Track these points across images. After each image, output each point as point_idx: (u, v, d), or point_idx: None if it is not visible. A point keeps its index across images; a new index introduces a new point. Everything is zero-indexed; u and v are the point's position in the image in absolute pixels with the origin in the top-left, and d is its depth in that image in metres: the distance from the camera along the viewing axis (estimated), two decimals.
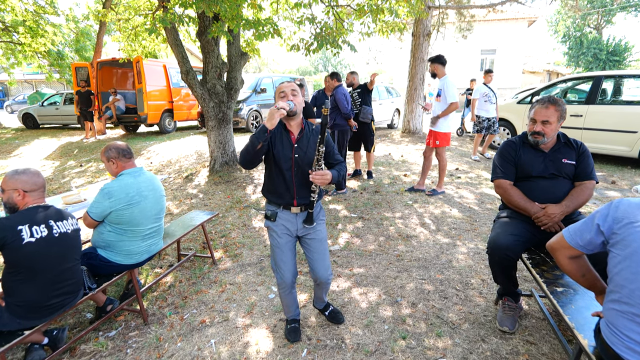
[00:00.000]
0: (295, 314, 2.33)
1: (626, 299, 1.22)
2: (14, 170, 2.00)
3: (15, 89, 28.70)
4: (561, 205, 2.12)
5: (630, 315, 1.21)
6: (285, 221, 2.09)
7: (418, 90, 9.25)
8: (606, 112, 6.21)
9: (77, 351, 2.32)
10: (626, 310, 1.22)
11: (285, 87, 1.99)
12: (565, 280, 1.90)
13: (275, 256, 2.13)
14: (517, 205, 2.24)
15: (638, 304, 1.19)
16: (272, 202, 2.10)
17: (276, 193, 2.06)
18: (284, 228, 2.09)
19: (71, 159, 8.40)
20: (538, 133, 2.21)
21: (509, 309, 2.29)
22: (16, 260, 1.86)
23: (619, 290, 1.25)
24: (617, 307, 1.26)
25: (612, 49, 26.18)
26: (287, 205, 2.06)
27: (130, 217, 2.39)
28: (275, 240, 2.11)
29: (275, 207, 2.09)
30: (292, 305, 2.28)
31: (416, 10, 5.80)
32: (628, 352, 1.22)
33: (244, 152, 1.92)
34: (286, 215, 2.08)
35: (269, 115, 1.84)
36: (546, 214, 2.12)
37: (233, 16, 4.34)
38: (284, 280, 2.13)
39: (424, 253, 3.37)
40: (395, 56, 21.87)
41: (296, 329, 2.31)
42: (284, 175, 2.03)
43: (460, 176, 5.85)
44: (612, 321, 1.28)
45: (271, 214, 2.08)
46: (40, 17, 11.60)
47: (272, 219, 2.08)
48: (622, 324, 1.24)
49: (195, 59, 19.27)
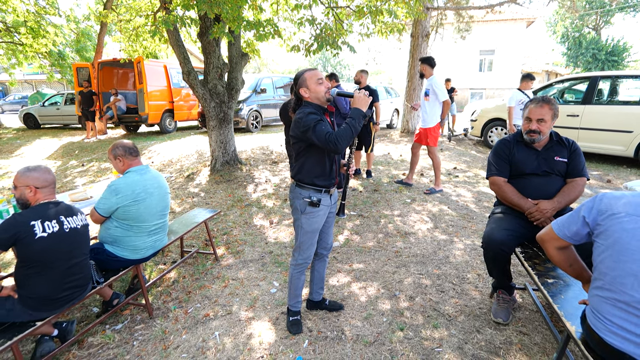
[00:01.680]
0: (299, 302, 2.41)
1: (608, 286, 1.30)
2: (25, 167, 2.08)
3: (15, 89, 28.75)
4: (553, 201, 2.21)
5: (612, 301, 1.29)
6: (324, 205, 2.18)
7: (417, 90, 9.33)
8: (602, 112, 6.30)
9: (85, 343, 2.40)
10: (608, 296, 1.31)
11: (320, 74, 2.09)
12: (556, 272, 1.98)
13: (307, 240, 2.22)
14: (511, 201, 2.33)
15: (619, 290, 1.27)
16: (317, 186, 2.14)
17: (324, 175, 2.14)
18: (324, 211, 2.19)
19: (73, 158, 8.47)
20: (534, 131, 2.29)
21: (503, 302, 2.38)
22: (29, 255, 1.94)
23: (602, 278, 1.33)
24: (600, 293, 1.34)
25: (611, 50, 26.27)
26: (329, 186, 2.17)
27: (136, 213, 2.46)
28: (311, 225, 2.18)
29: (318, 193, 2.14)
30: (300, 288, 2.37)
31: (415, 12, 5.88)
32: (611, 335, 1.30)
33: (347, 135, 1.95)
34: (325, 198, 2.17)
35: (362, 101, 2.00)
36: (539, 209, 2.20)
37: (234, 17, 4.41)
38: (307, 260, 2.28)
39: (421, 249, 3.45)
40: (394, 57, 21.93)
41: (298, 321, 2.40)
42: (329, 156, 2.14)
43: (458, 175, 5.93)
44: (596, 307, 1.36)
45: (317, 200, 2.13)
46: (42, 17, 11.66)
47: (317, 205, 2.13)
48: (605, 309, 1.32)
49: (196, 59, 19.33)
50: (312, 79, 2.05)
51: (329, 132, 1.93)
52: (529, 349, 2.10)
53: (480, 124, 8.25)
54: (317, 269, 2.47)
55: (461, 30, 12.32)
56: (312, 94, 2.06)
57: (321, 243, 2.37)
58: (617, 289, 1.28)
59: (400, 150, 7.96)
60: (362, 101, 2.01)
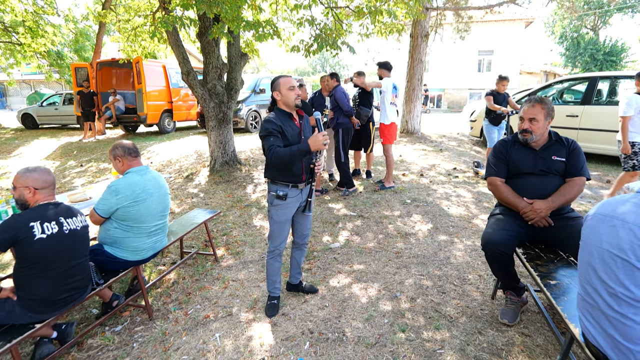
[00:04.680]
0: (277, 289, 2.63)
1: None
2: (25, 168, 2.06)
3: (13, 89, 28.64)
4: (547, 201, 2.20)
5: (580, 296, 1.43)
6: (292, 198, 2.39)
7: (416, 90, 9.33)
8: (602, 112, 6.30)
9: (84, 345, 2.38)
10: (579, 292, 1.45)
11: (293, 82, 2.33)
12: (559, 273, 1.97)
13: (276, 230, 2.46)
14: (507, 201, 2.33)
15: (581, 287, 1.42)
16: (283, 182, 2.36)
17: (289, 172, 2.33)
18: (292, 204, 2.41)
19: (71, 159, 8.44)
20: (526, 131, 2.31)
21: (510, 303, 2.37)
22: (28, 256, 1.92)
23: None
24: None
25: (609, 50, 26.36)
26: (296, 182, 2.37)
27: (136, 214, 2.45)
28: (279, 217, 2.41)
29: (286, 187, 2.36)
30: (277, 275, 2.59)
31: (414, 12, 5.87)
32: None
33: (284, 159, 2.20)
34: (293, 192, 2.38)
35: (315, 143, 2.19)
36: (532, 209, 2.20)
37: (233, 17, 4.40)
38: (278, 248, 2.52)
39: (422, 250, 3.44)
40: (393, 57, 21.92)
41: (275, 305, 2.59)
42: None
43: (457, 175, 5.93)
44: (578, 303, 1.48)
45: (284, 193, 2.34)
46: (40, 17, 11.62)
47: (284, 199, 2.34)
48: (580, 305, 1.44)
49: (195, 59, 19.29)
50: (285, 85, 2.30)
51: (272, 145, 2.20)
52: (532, 351, 2.09)
53: (480, 125, 8.25)
54: (295, 256, 2.73)
55: (460, 31, 12.33)
56: (282, 98, 2.32)
57: (296, 233, 2.62)
58: (580, 286, 1.45)
59: (399, 150, 7.95)
60: (315, 143, 2.19)
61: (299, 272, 2.78)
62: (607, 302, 1.27)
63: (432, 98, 22.99)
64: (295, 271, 2.77)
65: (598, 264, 1.30)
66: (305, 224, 2.60)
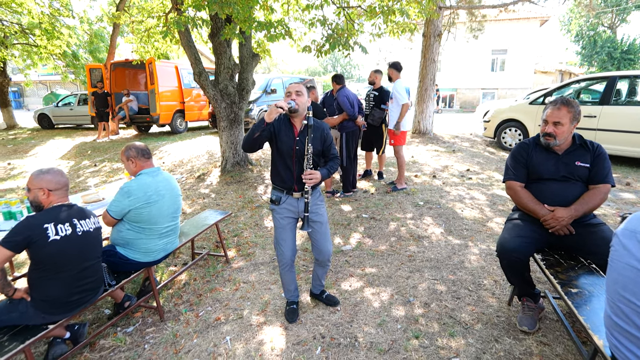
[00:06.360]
0: (294, 295, 2.58)
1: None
2: (38, 169, 2.07)
3: (30, 90, 29.26)
4: (570, 209, 2.11)
5: (608, 316, 1.35)
6: (288, 205, 2.35)
7: (429, 90, 9.22)
8: (621, 113, 6.13)
9: (96, 346, 2.39)
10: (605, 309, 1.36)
11: (291, 88, 2.27)
12: (580, 281, 1.90)
13: (278, 236, 2.40)
14: (526, 207, 2.25)
15: (610, 305, 1.35)
16: (278, 187, 2.36)
17: (280, 178, 2.33)
18: (287, 211, 2.36)
19: (85, 158, 8.56)
20: (549, 135, 2.19)
21: (528, 309, 2.29)
22: (41, 258, 1.93)
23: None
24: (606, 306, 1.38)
25: (627, 48, 25.71)
26: (289, 190, 2.33)
27: (148, 215, 2.45)
28: (278, 221, 2.38)
29: (280, 192, 2.35)
30: (291, 284, 2.54)
31: (427, 11, 5.79)
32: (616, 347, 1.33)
33: (245, 137, 2.22)
34: (289, 199, 2.35)
35: (269, 110, 2.12)
36: (554, 217, 2.11)
37: (245, 18, 4.40)
38: (285, 256, 2.42)
39: (435, 254, 3.38)
40: (405, 57, 21.77)
41: (294, 310, 2.54)
42: (286, 163, 2.29)
43: (471, 177, 5.83)
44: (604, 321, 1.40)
45: (276, 198, 2.34)
46: (56, 19, 11.84)
47: (276, 203, 2.35)
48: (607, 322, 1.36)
49: (207, 60, 19.45)
50: (286, 90, 2.31)
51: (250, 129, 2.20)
52: None
53: (494, 125, 8.11)
54: (316, 270, 2.62)
55: (474, 30, 12.16)
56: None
57: (313, 248, 2.50)
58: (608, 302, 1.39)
59: (411, 151, 7.87)
60: (270, 112, 2.11)
61: (321, 284, 2.69)
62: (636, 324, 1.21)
63: (445, 98, 22.76)
64: (316, 282, 2.69)
65: (628, 282, 1.24)
66: (317, 238, 2.42)
